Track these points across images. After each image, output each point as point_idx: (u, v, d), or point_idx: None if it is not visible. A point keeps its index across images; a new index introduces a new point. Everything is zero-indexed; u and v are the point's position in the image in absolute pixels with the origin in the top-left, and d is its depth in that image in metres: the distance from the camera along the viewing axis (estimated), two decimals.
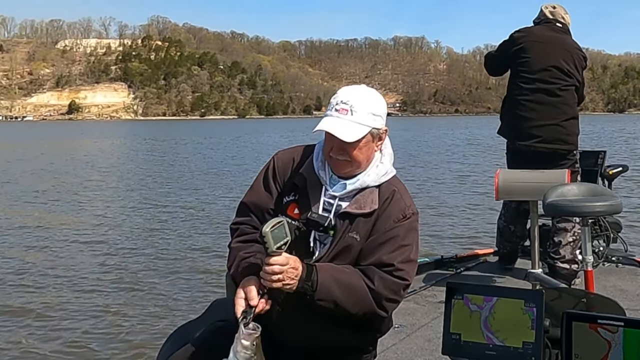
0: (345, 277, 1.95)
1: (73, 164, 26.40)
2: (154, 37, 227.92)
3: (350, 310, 1.95)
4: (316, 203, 2.06)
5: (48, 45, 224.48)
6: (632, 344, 1.65)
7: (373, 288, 1.95)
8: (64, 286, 7.51)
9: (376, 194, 2.08)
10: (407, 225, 2.05)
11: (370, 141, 2.06)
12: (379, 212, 2.05)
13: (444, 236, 9.77)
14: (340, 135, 1.98)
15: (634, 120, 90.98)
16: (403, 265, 1.99)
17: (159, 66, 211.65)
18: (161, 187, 17.19)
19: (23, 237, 10.56)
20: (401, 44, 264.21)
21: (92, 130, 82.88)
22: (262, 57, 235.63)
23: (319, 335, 2.05)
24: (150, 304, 6.78)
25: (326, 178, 2.09)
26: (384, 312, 1.99)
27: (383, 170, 2.12)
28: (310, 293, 1.91)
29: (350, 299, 1.94)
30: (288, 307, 2.03)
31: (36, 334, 6.00)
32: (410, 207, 2.09)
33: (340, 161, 2.05)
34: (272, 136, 51.26)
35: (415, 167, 22.10)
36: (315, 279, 1.90)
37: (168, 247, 9.57)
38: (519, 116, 4.61)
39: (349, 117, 2.00)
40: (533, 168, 4.32)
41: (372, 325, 2.13)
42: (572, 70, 4.61)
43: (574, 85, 4.64)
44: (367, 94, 2.08)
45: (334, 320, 2.01)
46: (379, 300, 1.96)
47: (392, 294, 1.97)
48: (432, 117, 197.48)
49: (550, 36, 4.70)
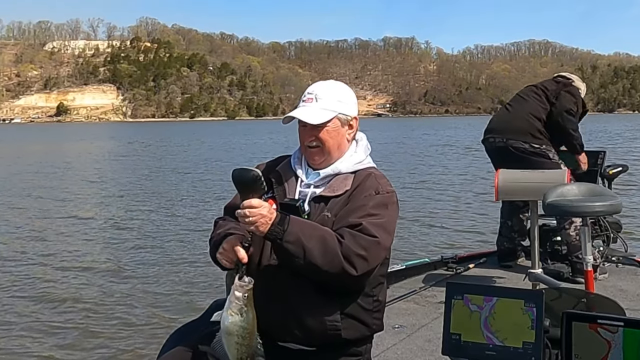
0: (317, 229, 1.99)
1: (67, 168, 26.20)
2: (142, 38, 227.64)
3: (318, 260, 1.93)
4: (292, 193, 2.15)
5: (36, 47, 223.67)
6: (632, 344, 1.65)
7: (342, 242, 1.96)
8: (63, 286, 7.47)
9: (351, 179, 2.14)
10: (378, 199, 2.08)
11: (339, 126, 2.17)
12: (352, 191, 2.11)
13: (443, 237, 9.74)
14: (306, 118, 2.11)
15: (622, 119, 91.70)
16: (372, 226, 2.00)
17: (148, 68, 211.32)
18: (160, 189, 17.12)
19: (19, 233, 10.49)
20: (391, 44, 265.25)
21: (80, 132, 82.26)
22: (252, 58, 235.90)
23: (298, 306, 2.03)
24: (150, 304, 6.74)
25: (302, 171, 2.20)
26: (353, 269, 1.95)
27: (357, 159, 2.19)
28: (280, 237, 1.94)
29: (319, 247, 1.94)
30: (269, 274, 2.05)
31: (37, 333, 5.95)
32: (384, 186, 2.12)
33: (313, 150, 2.15)
34: (264, 139, 51.14)
35: (415, 166, 22.16)
36: (286, 225, 1.94)
37: (168, 247, 9.52)
38: (490, 121, 5.14)
39: (314, 104, 2.16)
40: (501, 163, 4.50)
41: (350, 296, 2.08)
42: (546, 90, 4.93)
43: (545, 101, 4.88)
44: (332, 84, 2.24)
45: (309, 283, 2.01)
46: (347, 254, 1.95)
47: (360, 249, 1.96)
48: (422, 117, 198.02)
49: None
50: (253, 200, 1.92)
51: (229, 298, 1.85)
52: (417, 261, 5.02)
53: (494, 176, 4.10)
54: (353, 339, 2.11)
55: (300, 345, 2.08)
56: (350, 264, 1.95)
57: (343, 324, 2.06)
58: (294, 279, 2.02)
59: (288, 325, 2.05)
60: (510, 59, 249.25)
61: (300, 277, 2.02)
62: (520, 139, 4.71)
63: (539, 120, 4.79)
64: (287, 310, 2.05)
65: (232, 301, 1.83)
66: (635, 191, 14.00)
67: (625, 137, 39.49)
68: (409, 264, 4.86)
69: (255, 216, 1.92)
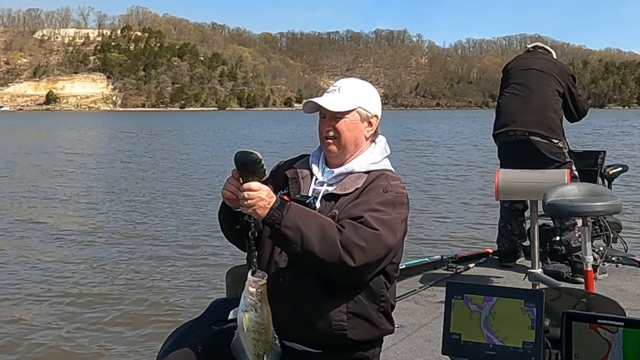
0: (317, 217, 1.98)
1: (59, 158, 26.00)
2: (133, 27, 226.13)
3: (315, 248, 1.90)
4: (306, 190, 2.14)
5: (25, 34, 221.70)
6: (632, 344, 1.65)
7: (342, 231, 1.94)
8: (63, 286, 7.38)
9: (363, 179, 2.12)
10: (386, 197, 2.05)
11: (359, 121, 2.16)
12: (362, 190, 2.09)
13: (443, 236, 9.73)
14: (325, 104, 2.12)
15: (612, 115, 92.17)
16: (374, 220, 1.97)
17: (139, 57, 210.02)
18: (160, 187, 17.00)
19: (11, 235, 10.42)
20: (383, 37, 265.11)
21: (70, 121, 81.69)
22: (243, 49, 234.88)
23: (305, 304, 2.02)
24: (150, 303, 6.69)
25: (319, 169, 2.19)
26: (351, 260, 1.91)
27: (372, 159, 2.18)
28: (278, 222, 1.91)
29: (318, 234, 1.91)
30: (277, 272, 2.05)
31: (36, 334, 5.89)
32: (394, 187, 2.09)
33: (330, 141, 2.15)
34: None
35: (415, 167, 22.16)
36: (285, 211, 1.92)
37: (167, 246, 9.44)
38: (499, 111, 4.89)
39: (336, 94, 2.17)
40: (516, 160, 4.44)
41: (352, 290, 2.05)
42: (554, 76, 4.78)
43: (557, 90, 4.77)
44: (356, 80, 2.26)
45: (315, 281, 2.00)
46: (346, 243, 1.92)
47: (360, 240, 1.93)
48: (413, 110, 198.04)
49: (534, 55, 5.04)
50: (252, 183, 1.90)
51: (242, 294, 1.83)
52: (417, 261, 4.99)
53: (494, 175, 4.08)
54: (360, 340, 2.08)
55: (306, 346, 2.07)
56: (348, 254, 1.92)
57: (350, 324, 2.03)
58: (300, 277, 2.01)
59: (294, 323, 2.04)
60: (502, 53, 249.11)
61: (307, 275, 2.00)
62: (542, 133, 4.60)
63: (556, 112, 4.73)
64: (294, 308, 2.03)
65: (246, 297, 1.82)
66: (635, 191, 14.07)
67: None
68: (409, 264, 4.82)
69: (254, 199, 1.90)
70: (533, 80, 4.78)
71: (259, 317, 1.81)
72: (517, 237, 4.97)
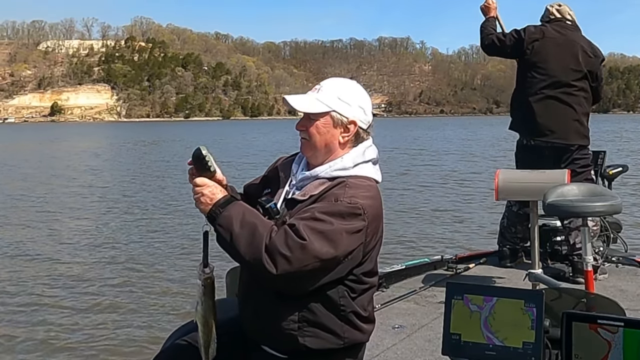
0: (254, 218, 1.92)
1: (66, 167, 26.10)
2: (137, 38, 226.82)
3: (241, 249, 1.87)
4: (281, 193, 2.10)
5: (29, 46, 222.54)
6: (632, 344, 1.65)
7: (271, 236, 1.87)
8: (62, 286, 7.44)
9: (324, 185, 2.02)
10: (333, 206, 1.91)
11: (331, 125, 2.05)
12: (317, 197, 2.00)
13: (442, 237, 9.73)
14: (296, 104, 2.05)
15: (614, 120, 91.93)
16: (307, 229, 1.85)
17: (143, 67, 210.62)
18: (160, 189, 17.09)
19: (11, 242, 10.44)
20: (386, 44, 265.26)
21: (74, 133, 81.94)
22: (247, 58, 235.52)
23: (261, 308, 2.00)
24: (150, 304, 6.73)
25: (296, 170, 2.13)
26: (272, 267, 1.83)
27: (340, 165, 2.04)
28: (215, 219, 1.92)
29: (247, 236, 1.87)
30: (245, 275, 2.10)
31: (36, 334, 5.93)
32: (350, 197, 1.93)
33: (303, 142, 2.09)
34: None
35: (412, 166, 22.13)
36: (223, 209, 1.91)
37: (167, 247, 9.52)
38: (535, 113, 4.70)
39: (314, 94, 2.08)
40: (548, 164, 4.42)
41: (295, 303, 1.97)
42: (585, 68, 4.72)
43: (588, 83, 4.74)
44: (341, 81, 2.14)
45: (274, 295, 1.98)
46: (271, 250, 1.84)
47: (285, 249, 1.83)
48: (417, 117, 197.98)
49: (564, 36, 4.80)
50: (197, 179, 1.94)
51: None
52: (417, 261, 4.99)
53: (494, 175, 4.07)
54: (320, 349, 1.99)
55: (273, 350, 2.04)
56: (271, 261, 1.84)
57: (303, 332, 1.97)
58: (259, 281, 1.96)
59: (257, 326, 2.04)
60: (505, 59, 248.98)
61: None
62: (582, 144, 4.64)
63: (589, 115, 4.74)
64: (255, 311, 2.03)
65: (197, 287, 1.90)
66: (635, 191, 14.03)
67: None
68: (409, 264, 4.83)
69: (197, 194, 1.94)
70: (568, 81, 4.67)
71: (202, 310, 1.91)
72: (520, 240, 4.95)
